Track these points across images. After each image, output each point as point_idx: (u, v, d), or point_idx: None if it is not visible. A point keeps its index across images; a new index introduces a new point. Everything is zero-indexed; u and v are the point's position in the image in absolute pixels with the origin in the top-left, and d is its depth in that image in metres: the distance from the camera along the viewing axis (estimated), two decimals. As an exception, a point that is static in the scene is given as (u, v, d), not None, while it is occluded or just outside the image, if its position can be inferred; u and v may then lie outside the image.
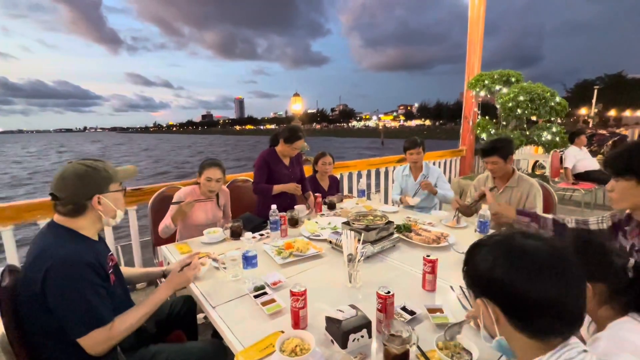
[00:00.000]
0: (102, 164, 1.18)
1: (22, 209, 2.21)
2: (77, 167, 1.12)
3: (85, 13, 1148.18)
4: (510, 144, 2.06)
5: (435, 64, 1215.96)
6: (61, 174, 1.10)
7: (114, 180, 1.19)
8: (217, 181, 2.07)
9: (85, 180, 1.11)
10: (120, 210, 1.22)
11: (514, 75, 5.19)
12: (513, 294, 0.60)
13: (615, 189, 1.10)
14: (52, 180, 1.11)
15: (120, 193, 1.22)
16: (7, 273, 1.08)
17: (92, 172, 1.13)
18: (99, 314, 1.03)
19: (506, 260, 0.62)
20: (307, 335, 0.94)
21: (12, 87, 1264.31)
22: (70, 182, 1.09)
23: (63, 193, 1.08)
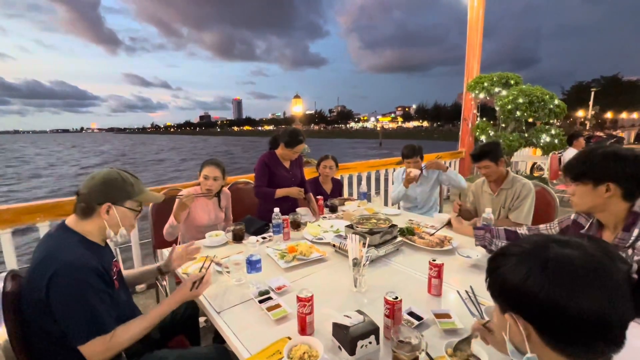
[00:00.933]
0: (133, 179, 1.19)
1: (21, 212, 2.18)
2: (112, 172, 1.15)
3: (83, 13, 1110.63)
4: (498, 147, 2.09)
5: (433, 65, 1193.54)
6: (95, 174, 1.14)
7: (133, 198, 1.18)
8: (215, 179, 2.07)
9: (107, 186, 1.12)
10: (124, 229, 1.19)
11: (513, 77, 5.21)
12: (550, 309, 0.54)
13: (575, 193, 1.20)
14: None
15: (132, 212, 1.20)
16: (10, 278, 1.07)
17: (119, 181, 1.14)
18: (101, 321, 1.02)
19: (542, 272, 0.55)
20: (315, 341, 0.93)
21: (8, 87, 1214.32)
22: (96, 183, 1.11)
23: (84, 190, 1.11)
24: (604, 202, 1.13)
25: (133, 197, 1.18)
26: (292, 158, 2.49)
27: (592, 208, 1.19)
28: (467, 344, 0.89)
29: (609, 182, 1.10)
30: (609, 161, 1.10)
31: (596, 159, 1.13)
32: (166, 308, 1.18)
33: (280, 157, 2.49)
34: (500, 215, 2.16)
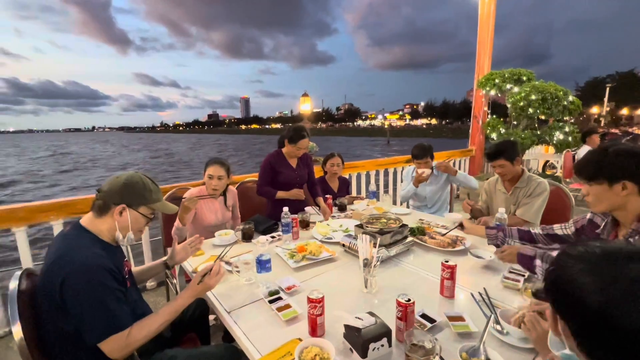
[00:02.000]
0: (154, 187, 1.21)
1: (35, 210, 2.22)
2: (135, 175, 1.17)
3: (94, 14, 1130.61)
4: (515, 146, 2.03)
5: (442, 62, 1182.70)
6: (120, 175, 1.17)
7: (148, 204, 1.19)
8: (219, 179, 2.04)
9: (127, 188, 1.14)
10: (132, 233, 1.18)
11: (525, 74, 5.10)
12: (606, 330, 0.48)
13: (591, 193, 1.17)
14: None
15: (144, 218, 1.20)
16: (25, 277, 1.08)
17: (139, 186, 1.16)
18: (118, 319, 1.02)
19: (614, 291, 0.49)
20: (327, 344, 0.92)
21: (23, 87, 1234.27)
22: (117, 183, 1.13)
23: (105, 188, 1.13)
24: (622, 201, 1.10)
25: (148, 203, 1.19)
26: (297, 155, 2.45)
27: (610, 207, 1.16)
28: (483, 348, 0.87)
29: (624, 181, 1.07)
30: (623, 159, 1.07)
31: (609, 157, 1.10)
32: (180, 302, 1.18)
33: (286, 156, 2.48)
34: (512, 215, 2.11)
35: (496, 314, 1.06)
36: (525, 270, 1.39)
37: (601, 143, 5.50)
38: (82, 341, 1.01)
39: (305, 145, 2.39)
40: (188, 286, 1.23)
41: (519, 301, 1.20)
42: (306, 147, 2.41)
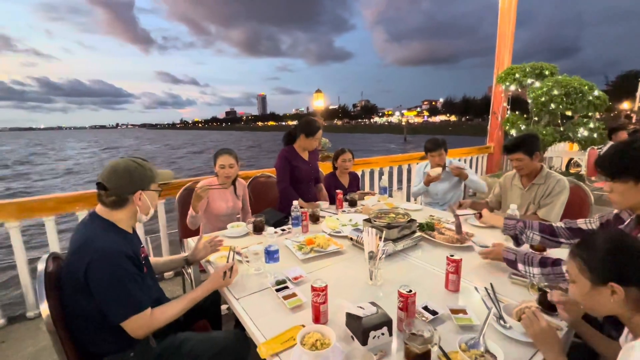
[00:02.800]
0: (148, 164, 1.26)
1: (62, 201, 2.37)
2: (129, 162, 1.20)
3: (119, 14, 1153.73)
4: (535, 140, 1.97)
5: (463, 57, 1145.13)
6: (113, 167, 1.18)
7: (155, 181, 1.26)
8: (230, 167, 2.15)
9: (134, 176, 1.19)
10: (152, 209, 1.29)
11: (547, 67, 4.91)
12: None
13: (614, 190, 1.12)
14: (102, 171, 1.19)
15: (156, 193, 1.29)
16: (52, 260, 1.17)
17: (140, 169, 1.21)
18: (137, 301, 1.10)
19: None
20: (328, 330, 0.95)
21: (53, 86, 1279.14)
22: (120, 176, 1.17)
23: (111, 184, 1.16)
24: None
25: (154, 180, 1.26)
26: (313, 147, 2.50)
27: (635, 205, 1.12)
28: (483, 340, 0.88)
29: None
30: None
31: (636, 153, 1.05)
32: (200, 294, 1.28)
33: (299, 150, 2.52)
34: (528, 211, 2.06)
35: (499, 308, 1.05)
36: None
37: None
38: (103, 321, 1.09)
39: (320, 137, 2.45)
40: (209, 279, 1.32)
41: (525, 297, 1.19)
42: (320, 138, 2.46)
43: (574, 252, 0.89)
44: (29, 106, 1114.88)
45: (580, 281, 0.86)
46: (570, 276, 0.91)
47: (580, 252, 0.87)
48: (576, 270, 0.87)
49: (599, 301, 0.83)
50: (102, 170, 1.19)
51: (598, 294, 0.82)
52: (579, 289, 0.87)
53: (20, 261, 2.28)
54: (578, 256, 0.86)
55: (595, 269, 0.82)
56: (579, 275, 0.86)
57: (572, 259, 0.89)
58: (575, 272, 0.87)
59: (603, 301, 0.82)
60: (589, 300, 0.85)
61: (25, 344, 2.08)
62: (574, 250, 0.89)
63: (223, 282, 1.32)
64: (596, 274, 0.82)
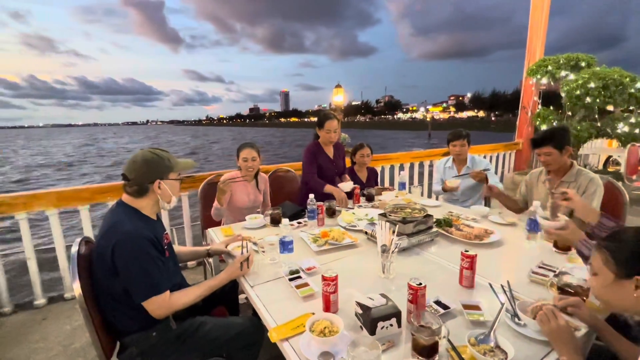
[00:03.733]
0: (166, 154, 1.33)
1: (95, 191, 2.54)
2: (147, 153, 1.28)
3: (150, 15, 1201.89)
4: (565, 133, 1.85)
5: (493, 50, 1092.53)
6: (133, 158, 1.27)
7: (174, 170, 1.33)
8: (253, 160, 2.22)
9: (151, 166, 1.26)
10: (175, 197, 1.35)
11: (584, 59, 4.61)
12: None
13: None
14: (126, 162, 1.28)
15: (177, 182, 1.35)
16: (84, 243, 1.27)
17: (158, 159, 1.28)
18: (157, 283, 1.17)
19: None
20: (337, 318, 0.97)
21: (90, 85, 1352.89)
22: (139, 166, 1.25)
23: (132, 174, 1.24)
24: None
25: (173, 169, 1.32)
26: (330, 139, 2.46)
27: None
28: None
29: None
30: None
31: None
32: (218, 282, 1.35)
33: (323, 145, 2.54)
34: None
35: (514, 305, 1.03)
36: (556, 267, 1.32)
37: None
38: (128, 301, 1.17)
39: (334, 127, 2.40)
40: (227, 269, 1.39)
41: (544, 296, 1.15)
42: (335, 129, 2.41)
43: (601, 244, 0.86)
44: (69, 104, 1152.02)
45: (604, 273, 0.84)
46: (592, 268, 0.88)
47: (607, 244, 0.84)
48: (600, 263, 0.85)
49: (620, 295, 0.81)
50: (126, 162, 1.27)
51: (620, 288, 0.81)
52: (601, 281, 0.85)
53: (59, 245, 2.48)
54: (605, 248, 0.84)
55: (622, 262, 0.80)
56: (603, 268, 0.84)
57: (597, 251, 0.87)
58: (599, 265, 0.85)
59: (625, 295, 0.80)
60: (609, 293, 0.83)
61: (63, 322, 2.26)
62: (601, 242, 0.87)
63: (239, 272, 1.38)
64: (622, 267, 0.80)
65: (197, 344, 1.28)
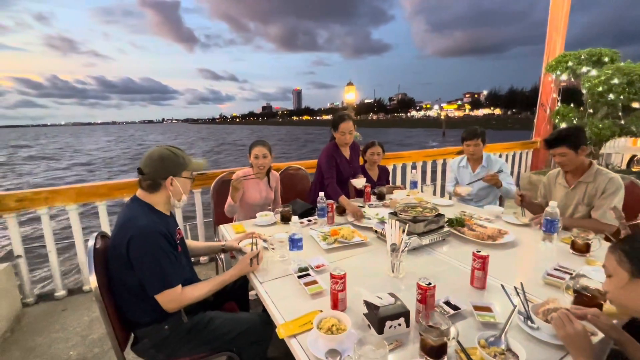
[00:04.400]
0: (181, 153, 1.36)
1: (113, 188, 2.61)
2: (164, 150, 1.31)
3: (166, 15, 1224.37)
4: (581, 133, 1.79)
5: (511, 46, 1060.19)
6: (150, 153, 1.30)
7: (187, 168, 1.35)
8: (264, 157, 2.24)
9: (166, 163, 1.29)
10: (185, 195, 1.38)
11: (607, 54, 4.42)
12: None
13: None
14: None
15: (189, 180, 1.38)
16: (100, 238, 1.31)
17: (173, 157, 1.31)
18: (169, 277, 1.20)
19: None
20: (344, 316, 0.97)
21: (109, 84, 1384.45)
22: (155, 162, 1.28)
23: (147, 169, 1.28)
24: None
25: (186, 167, 1.35)
26: (345, 141, 2.41)
27: None
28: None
29: None
30: None
31: None
32: (228, 278, 1.37)
33: (340, 147, 2.50)
34: (577, 213, 1.89)
35: (528, 308, 1.00)
36: (573, 269, 1.28)
37: None
38: (142, 294, 1.20)
39: (349, 129, 2.36)
40: (237, 264, 1.41)
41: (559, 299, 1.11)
42: (350, 130, 2.37)
43: (615, 245, 0.84)
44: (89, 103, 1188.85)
45: (618, 274, 0.81)
46: (606, 270, 0.86)
47: (622, 245, 0.81)
48: (615, 263, 0.82)
49: (637, 295, 0.78)
50: (143, 157, 1.31)
51: (636, 287, 0.78)
52: (615, 282, 0.82)
53: (78, 239, 2.57)
54: (619, 249, 0.81)
55: (637, 259, 0.78)
56: (618, 268, 0.81)
57: (611, 253, 0.84)
58: (613, 265, 0.83)
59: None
60: (624, 294, 0.81)
61: (81, 313, 2.35)
62: (616, 244, 0.84)
63: (249, 268, 1.40)
64: (637, 265, 0.77)
65: (207, 338, 1.31)
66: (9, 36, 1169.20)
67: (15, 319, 2.27)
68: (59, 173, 19.32)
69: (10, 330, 2.16)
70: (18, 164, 24.36)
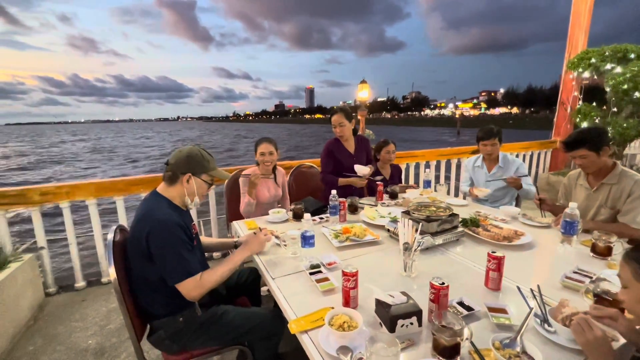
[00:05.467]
0: (209, 157, 1.41)
1: (130, 183, 2.69)
2: (194, 149, 1.38)
3: (182, 15, 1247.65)
4: (602, 135, 1.71)
5: (531, 42, 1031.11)
6: (181, 148, 1.38)
7: (207, 172, 1.39)
8: (270, 154, 2.27)
9: (190, 159, 1.34)
10: (198, 198, 1.40)
11: (633, 50, 4.24)
12: None
13: None
14: None
15: (205, 184, 1.41)
16: (119, 231, 1.35)
17: (199, 157, 1.36)
18: (189, 266, 1.23)
19: None
20: (356, 314, 0.97)
21: (127, 83, 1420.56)
22: (182, 156, 1.34)
23: (172, 161, 1.34)
24: None
25: (208, 171, 1.39)
26: (337, 134, 2.52)
27: None
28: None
29: None
30: None
31: None
32: (240, 255, 1.42)
33: (342, 141, 2.54)
34: (599, 216, 1.82)
35: (545, 311, 0.97)
36: (594, 273, 1.24)
37: None
38: (160, 285, 1.24)
39: (338, 121, 2.45)
40: (243, 244, 1.45)
41: (577, 303, 1.08)
42: (340, 122, 2.45)
43: (630, 255, 0.80)
44: (107, 101, 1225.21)
45: (634, 286, 0.78)
46: (622, 281, 0.82)
47: (636, 255, 0.77)
48: (629, 275, 0.79)
49: None
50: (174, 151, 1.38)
51: None
52: (631, 294, 0.79)
53: (97, 232, 2.65)
54: (634, 259, 0.77)
55: None
56: (632, 280, 0.78)
57: (625, 264, 0.80)
58: (628, 277, 0.79)
59: None
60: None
61: (100, 304, 2.43)
62: (630, 254, 0.80)
63: (256, 241, 1.44)
64: None
65: (220, 332, 1.33)
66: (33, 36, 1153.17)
67: (39, 308, 2.37)
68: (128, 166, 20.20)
69: (34, 319, 2.26)
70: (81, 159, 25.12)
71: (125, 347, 1.98)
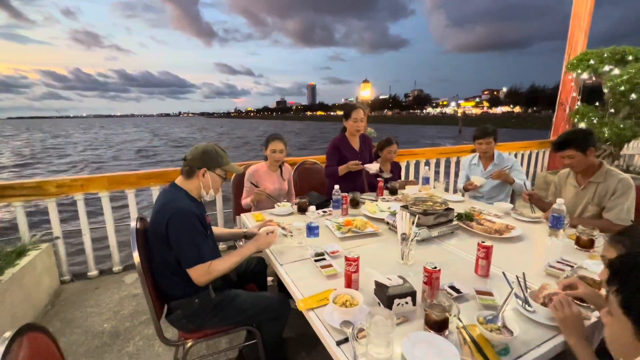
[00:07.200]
0: (222, 152, 1.53)
1: (141, 177, 2.80)
2: (209, 145, 1.50)
3: (185, 10, 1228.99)
4: (589, 136, 1.82)
5: (536, 41, 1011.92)
6: (198, 145, 1.50)
7: (221, 166, 1.51)
8: (280, 152, 2.41)
9: (206, 155, 1.47)
10: (212, 191, 1.52)
11: (631, 52, 4.32)
12: None
13: None
14: None
15: (219, 178, 1.53)
16: (139, 220, 1.47)
17: (214, 153, 1.49)
18: (202, 253, 1.35)
19: None
20: (357, 293, 1.08)
21: (129, 77, 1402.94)
22: (198, 152, 1.47)
23: (189, 156, 1.46)
24: None
25: (222, 166, 1.51)
26: (357, 128, 2.57)
27: None
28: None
29: None
30: None
31: None
32: (249, 249, 1.51)
33: (349, 138, 2.64)
34: (586, 212, 1.93)
35: (526, 294, 1.09)
36: (575, 262, 1.35)
37: None
38: (177, 269, 1.35)
39: (361, 116, 2.54)
40: (253, 239, 1.55)
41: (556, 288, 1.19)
42: (361, 117, 2.55)
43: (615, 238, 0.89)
44: (110, 96, 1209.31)
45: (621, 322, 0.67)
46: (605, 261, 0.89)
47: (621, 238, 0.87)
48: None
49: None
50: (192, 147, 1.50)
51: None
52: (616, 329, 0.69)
53: (109, 224, 2.78)
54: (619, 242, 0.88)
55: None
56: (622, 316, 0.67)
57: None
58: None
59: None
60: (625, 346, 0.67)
61: (112, 291, 2.56)
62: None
63: (265, 239, 1.53)
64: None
65: (231, 313, 1.45)
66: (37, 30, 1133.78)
67: (55, 294, 2.50)
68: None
69: (51, 304, 2.39)
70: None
71: (138, 331, 2.10)
